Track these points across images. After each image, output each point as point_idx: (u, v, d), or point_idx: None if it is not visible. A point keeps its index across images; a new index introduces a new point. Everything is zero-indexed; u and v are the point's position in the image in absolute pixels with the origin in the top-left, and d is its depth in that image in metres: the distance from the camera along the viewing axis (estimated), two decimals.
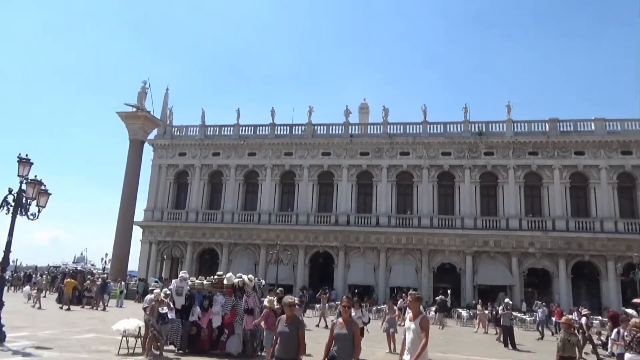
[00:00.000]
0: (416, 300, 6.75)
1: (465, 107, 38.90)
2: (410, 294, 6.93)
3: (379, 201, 38.77)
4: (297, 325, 6.33)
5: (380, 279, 37.04)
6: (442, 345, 17.69)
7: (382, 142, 39.47)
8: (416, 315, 6.62)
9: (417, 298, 6.77)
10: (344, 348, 6.10)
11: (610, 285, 33.86)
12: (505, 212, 36.66)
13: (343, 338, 6.15)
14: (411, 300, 6.78)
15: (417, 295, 6.82)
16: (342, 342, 6.14)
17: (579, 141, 36.46)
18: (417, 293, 7.01)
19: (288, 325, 6.34)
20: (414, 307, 6.72)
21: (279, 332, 6.37)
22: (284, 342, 6.27)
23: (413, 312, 6.70)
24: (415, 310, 6.69)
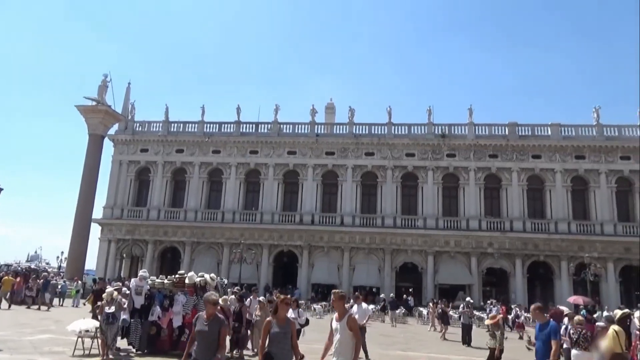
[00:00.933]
0: (340, 298, 6.33)
1: (429, 109, 39.71)
2: (334, 292, 6.48)
3: (343, 201, 39.04)
4: (218, 324, 5.96)
5: (344, 278, 37.31)
6: (402, 344, 17.99)
7: (347, 142, 39.76)
8: (342, 315, 6.18)
9: (340, 296, 6.36)
10: (281, 347, 5.80)
11: (563, 284, 35.26)
12: (466, 212, 37.61)
13: (280, 337, 5.83)
14: (335, 299, 6.33)
15: (340, 294, 6.41)
16: (278, 341, 5.83)
17: (536, 145, 37.79)
18: (341, 291, 6.58)
19: (208, 324, 5.93)
20: (339, 306, 6.28)
21: (197, 331, 5.99)
22: (201, 341, 5.90)
23: (338, 311, 6.25)
24: (340, 310, 6.24)
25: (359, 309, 12.82)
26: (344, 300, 6.39)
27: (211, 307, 6.08)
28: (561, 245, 35.68)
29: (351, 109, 40.80)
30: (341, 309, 6.27)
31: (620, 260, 35.26)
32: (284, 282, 39.25)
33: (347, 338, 6.00)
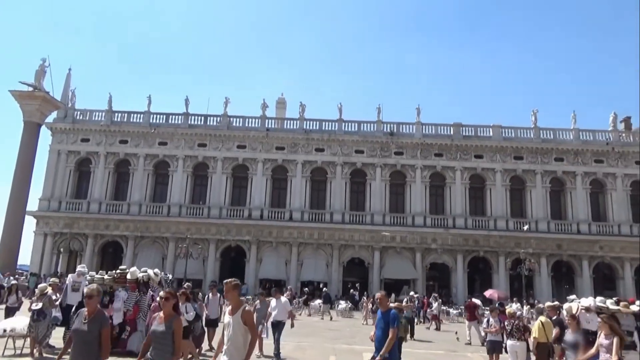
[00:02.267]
0: (233, 288, 5.59)
1: (379, 107, 40.46)
2: (226, 282, 5.71)
3: (293, 196, 39.07)
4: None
5: (292, 273, 37.40)
6: (348, 337, 18.29)
7: (298, 137, 39.78)
8: (236, 307, 5.50)
9: (234, 285, 5.62)
10: (160, 348, 5.20)
11: (500, 279, 37.04)
12: (412, 209, 38.65)
13: (160, 336, 5.24)
14: (228, 289, 5.59)
15: (234, 283, 5.67)
16: (158, 340, 5.25)
17: (479, 145, 39.37)
18: (234, 280, 5.77)
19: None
20: (233, 297, 5.56)
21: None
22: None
23: (232, 303, 5.55)
24: (235, 302, 5.55)
25: (277, 303, 12.41)
26: (238, 289, 5.63)
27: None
28: (499, 241, 37.43)
29: (302, 104, 40.85)
30: (235, 300, 5.55)
31: (552, 256, 37.49)
32: (230, 278, 38.82)
33: (241, 334, 5.35)
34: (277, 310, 12.35)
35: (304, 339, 16.51)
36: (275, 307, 12.34)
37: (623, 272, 36.97)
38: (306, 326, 22.12)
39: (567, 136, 39.70)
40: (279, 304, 12.36)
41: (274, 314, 12.29)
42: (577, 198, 38.45)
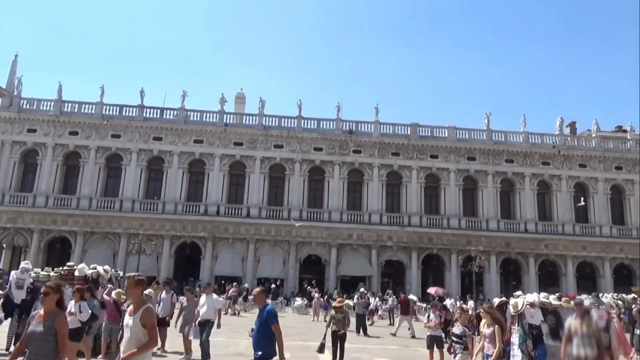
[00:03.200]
0: (136, 284, 4.91)
1: (338, 105, 40.72)
2: (128, 277, 5.09)
3: (250, 192, 38.75)
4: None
5: (248, 270, 37.12)
6: (303, 334, 18.35)
7: (256, 133, 39.47)
8: (138, 307, 4.78)
9: (137, 281, 4.92)
10: (40, 352, 4.58)
11: (452, 275, 38.19)
12: (369, 207, 39.18)
13: (39, 338, 4.63)
14: (130, 285, 4.94)
15: (137, 278, 4.97)
16: (37, 343, 4.63)
17: (434, 145, 40.37)
18: (138, 275, 5.12)
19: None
20: (134, 295, 4.90)
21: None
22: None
23: (134, 303, 4.88)
24: (137, 301, 4.86)
25: (207, 300, 11.18)
26: (142, 286, 4.97)
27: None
28: (452, 239, 38.55)
29: (262, 100, 40.55)
30: (137, 299, 4.87)
31: (501, 254, 39.00)
32: (185, 275, 38.14)
33: (138, 338, 4.64)
34: (205, 308, 11.12)
35: None
36: (204, 304, 11.16)
37: (566, 269, 38.96)
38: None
39: (517, 139, 41.34)
40: (209, 301, 11.17)
41: (202, 311, 11.13)
42: (525, 198, 40.15)
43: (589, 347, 7.66)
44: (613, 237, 39.70)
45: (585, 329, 7.76)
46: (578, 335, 7.77)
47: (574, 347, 7.85)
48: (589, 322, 7.87)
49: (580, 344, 7.70)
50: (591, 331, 7.71)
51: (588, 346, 7.67)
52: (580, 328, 7.79)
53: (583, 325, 7.79)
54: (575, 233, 39.62)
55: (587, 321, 7.87)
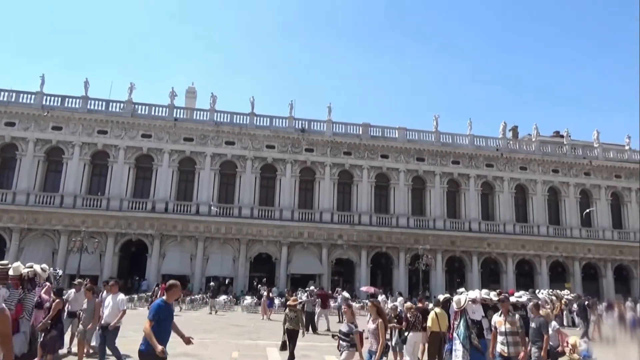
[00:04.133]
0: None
1: (291, 103, 40.64)
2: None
3: (200, 189, 37.98)
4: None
5: (197, 268, 36.39)
6: (253, 333, 18.25)
7: (208, 129, 38.74)
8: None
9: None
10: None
11: (400, 273, 39.11)
12: (320, 205, 39.41)
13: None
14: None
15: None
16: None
17: (385, 146, 41.15)
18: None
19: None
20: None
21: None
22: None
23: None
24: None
25: (112, 300, 9.97)
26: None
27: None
28: (400, 238, 39.46)
29: (213, 95, 39.84)
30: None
31: (447, 252, 40.33)
32: (130, 273, 36.93)
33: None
34: (108, 310, 9.89)
35: (206, 336, 16.18)
36: (108, 306, 9.98)
37: (506, 266, 40.84)
38: (209, 322, 21.72)
39: (463, 141, 42.86)
40: (114, 301, 9.96)
41: (105, 314, 9.95)
42: (470, 199, 41.71)
43: (512, 344, 7.62)
44: (550, 236, 42.00)
45: (509, 326, 7.72)
46: (502, 332, 7.73)
47: (498, 344, 7.85)
48: (512, 319, 7.83)
49: (504, 341, 7.65)
50: (515, 328, 7.69)
51: (512, 344, 7.62)
52: (504, 325, 7.75)
53: (507, 322, 7.74)
54: (516, 232, 41.61)
55: (510, 318, 7.84)
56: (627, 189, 44.34)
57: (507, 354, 7.62)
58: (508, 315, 7.93)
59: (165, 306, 6.59)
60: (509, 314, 7.94)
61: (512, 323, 7.78)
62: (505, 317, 7.93)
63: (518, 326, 7.75)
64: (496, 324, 7.96)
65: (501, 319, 7.99)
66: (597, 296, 35.99)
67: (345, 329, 8.19)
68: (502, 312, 8.09)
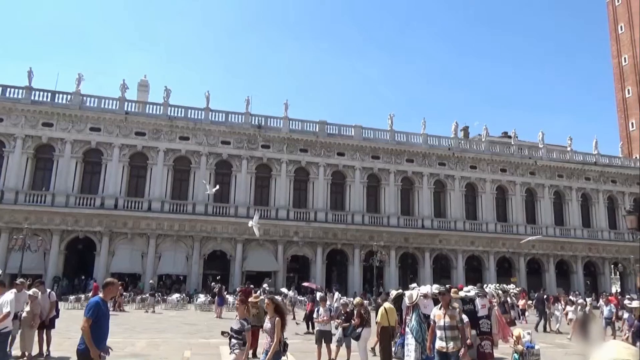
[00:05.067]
0: None
1: (248, 99, 40.21)
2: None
3: (153, 185, 36.95)
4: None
5: (149, 266, 35.39)
6: (205, 332, 17.96)
7: (161, 123, 37.71)
8: None
9: None
10: None
11: (355, 270, 39.58)
12: (276, 202, 39.24)
13: None
14: None
15: None
16: None
17: (341, 143, 41.46)
18: None
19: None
20: None
21: None
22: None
23: None
24: None
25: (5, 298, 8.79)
26: None
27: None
28: (356, 234, 39.93)
29: (167, 89, 38.77)
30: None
31: (400, 248, 41.18)
32: (77, 272, 35.47)
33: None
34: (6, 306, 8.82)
35: (157, 335, 15.82)
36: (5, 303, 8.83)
37: (456, 262, 42.18)
38: (161, 321, 21.23)
39: (417, 140, 43.83)
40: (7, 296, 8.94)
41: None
42: (423, 196, 42.74)
43: (451, 339, 7.23)
44: (497, 232, 43.71)
45: (449, 319, 7.32)
46: (441, 327, 7.34)
47: (437, 340, 7.41)
48: (452, 312, 7.44)
49: (443, 336, 7.28)
50: (454, 322, 7.31)
51: (450, 338, 7.23)
52: (444, 318, 7.36)
53: (446, 316, 7.35)
54: (466, 229, 43.03)
55: (450, 311, 7.44)
56: (569, 188, 46.76)
57: (446, 349, 7.21)
58: (448, 308, 7.51)
59: (103, 304, 6.40)
60: (449, 307, 7.52)
61: (451, 316, 7.33)
62: (445, 311, 7.49)
63: (458, 320, 7.34)
64: (435, 317, 7.54)
65: (440, 312, 7.54)
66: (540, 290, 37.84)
67: (237, 326, 7.34)
68: (442, 305, 7.63)
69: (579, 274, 45.32)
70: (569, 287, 42.11)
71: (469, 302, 12.54)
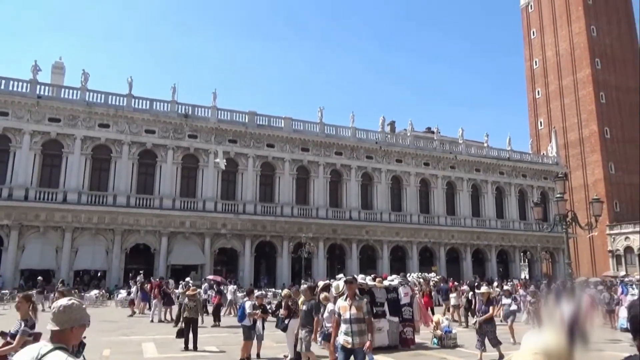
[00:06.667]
0: None
1: (174, 87, 38.71)
2: None
3: (68, 175, 34.58)
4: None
5: (64, 261, 33.18)
6: (126, 328, 17.25)
7: (78, 109, 35.29)
8: None
9: None
10: None
11: (283, 261, 39.68)
12: (204, 194, 38.29)
13: None
14: None
15: None
16: None
17: (271, 135, 41.21)
18: None
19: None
20: None
21: None
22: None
23: None
24: None
25: None
26: None
27: None
28: (284, 226, 39.98)
29: (85, 72, 36.33)
30: None
31: (328, 240, 41.83)
32: None
33: None
34: None
35: None
36: None
37: (382, 252, 43.62)
38: None
39: (346, 133, 44.60)
40: None
41: None
42: (351, 189, 43.66)
43: (357, 334, 6.39)
44: (420, 224, 45.70)
45: (355, 311, 6.48)
46: (346, 320, 6.48)
47: (340, 335, 6.56)
48: (359, 303, 6.60)
49: (349, 329, 6.42)
50: (361, 314, 6.50)
51: (357, 333, 6.40)
52: (349, 310, 6.50)
53: (352, 308, 6.50)
54: (391, 221, 44.56)
55: (357, 302, 6.59)
56: (485, 181, 49.85)
57: (351, 345, 6.36)
58: (354, 299, 6.62)
59: None
60: (355, 297, 6.65)
61: (358, 308, 6.50)
62: (351, 302, 6.58)
63: (365, 311, 6.52)
64: (340, 310, 6.65)
65: (346, 303, 6.62)
66: (458, 277, 40.12)
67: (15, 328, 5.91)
68: (348, 295, 6.71)
69: (493, 262, 48.60)
70: (484, 275, 45.04)
71: (393, 291, 13.04)
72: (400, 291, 13.08)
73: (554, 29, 70.59)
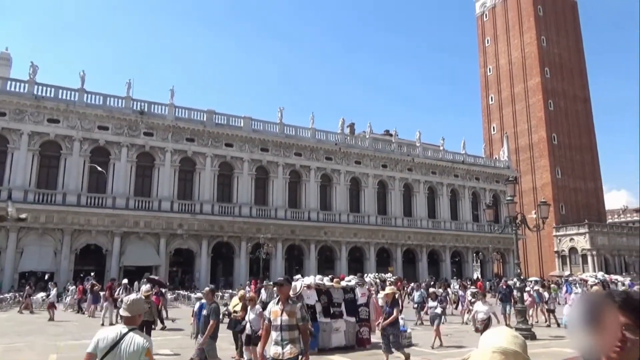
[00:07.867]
0: None
1: (129, 82, 37.58)
2: None
3: (14, 172, 32.90)
4: None
5: (7, 263, 31.54)
6: (75, 333, 16.60)
7: (25, 103, 33.64)
8: None
9: None
10: None
11: (241, 262, 39.27)
12: (159, 193, 37.35)
13: None
14: None
15: None
16: None
17: (230, 134, 40.70)
18: None
19: None
20: None
21: None
22: None
23: None
24: None
25: None
26: None
27: None
28: (243, 227, 39.58)
29: (34, 65, 34.69)
30: None
31: (287, 240, 41.74)
32: None
33: None
34: None
35: (19, 339, 14.25)
36: None
37: (340, 253, 43.94)
38: (25, 324, 19.16)
39: (306, 134, 44.67)
40: None
41: None
42: (310, 189, 43.75)
43: (289, 342, 5.47)
44: (378, 225, 46.35)
45: (287, 317, 5.54)
46: (277, 327, 5.58)
47: (271, 345, 5.67)
48: (292, 308, 5.63)
49: (279, 338, 5.52)
50: (294, 320, 5.55)
51: (288, 341, 5.47)
52: (281, 316, 5.57)
53: (284, 313, 5.56)
54: (350, 222, 44.97)
55: (289, 307, 5.64)
56: (440, 183, 51.16)
57: (281, 355, 5.46)
58: (287, 303, 5.70)
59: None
60: (289, 301, 5.75)
61: (290, 314, 5.57)
62: (282, 306, 5.65)
63: (299, 317, 5.57)
64: (271, 315, 5.72)
65: (277, 308, 5.68)
66: (415, 278, 40.97)
67: None
68: (280, 299, 5.78)
69: (447, 263, 49.94)
70: (439, 275, 46.20)
71: (350, 291, 13.18)
72: (357, 292, 13.23)
73: (507, 38, 73.46)
